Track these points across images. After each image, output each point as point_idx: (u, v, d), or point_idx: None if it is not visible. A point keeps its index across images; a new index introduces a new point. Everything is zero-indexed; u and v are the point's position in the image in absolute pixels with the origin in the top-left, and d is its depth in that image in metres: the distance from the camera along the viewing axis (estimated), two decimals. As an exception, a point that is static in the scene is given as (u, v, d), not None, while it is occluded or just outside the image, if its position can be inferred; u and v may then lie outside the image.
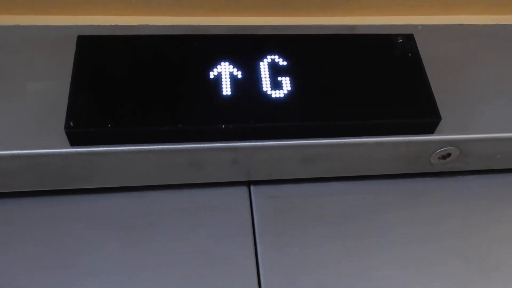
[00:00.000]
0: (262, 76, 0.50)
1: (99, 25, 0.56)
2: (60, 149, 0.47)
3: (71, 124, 0.45)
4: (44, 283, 0.47)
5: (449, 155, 0.54)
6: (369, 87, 0.51)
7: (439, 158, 0.55)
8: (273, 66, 0.51)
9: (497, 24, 0.62)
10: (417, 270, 0.52)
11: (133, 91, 0.48)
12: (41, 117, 0.48)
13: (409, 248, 0.53)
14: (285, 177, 0.55)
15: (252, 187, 0.55)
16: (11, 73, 0.51)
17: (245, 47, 0.52)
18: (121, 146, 0.47)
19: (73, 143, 0.46)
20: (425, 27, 0.59)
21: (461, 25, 0.61)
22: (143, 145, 0.47)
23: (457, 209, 0.56)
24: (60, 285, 0.47)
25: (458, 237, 0.54)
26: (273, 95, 0.49)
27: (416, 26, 0.59)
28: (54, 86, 0.50)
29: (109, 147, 0.47)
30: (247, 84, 0.49)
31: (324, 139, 0.50)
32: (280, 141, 0.50)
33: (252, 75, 0.50)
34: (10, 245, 0.49)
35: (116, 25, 0.57)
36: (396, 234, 0.54)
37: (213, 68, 0.50)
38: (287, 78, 0.50)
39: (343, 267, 0.51)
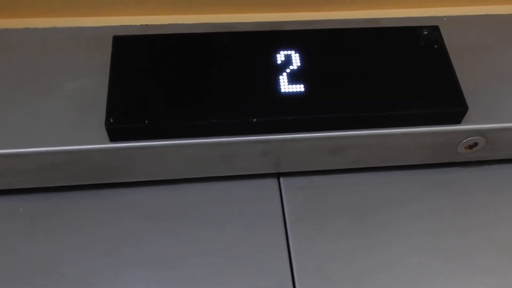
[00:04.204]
0: (290, 70, 0.52)
1: (131, 25, 0.58)
2: (100, 144, 0.49)
3: (111, 121, 0.47)
4: (87, 271, 0.50)
5: (476, 144, 0.55)
6: (395, 79, 0.52)
7: (465, 148, 0.55)
8: (300, 61, 0.52)
9: (522, 13, 0.62)
10: (446, 260, 0.53)
11: (168, 88, 0.50)
12: (80, 114, 0.51)
13: (437, 238, 0.54)
14: (313, 169, 0.56)
15: (281, 179, 0.57)
16: (51, 73, 0.54)
17: (272, 43, 0.53)
18: (158, 141, 0.49)
19: (112, 139, 0.49)
20: (450, 18, 0.60)
21: (487, 15, 0.61)
22: (179, 140, 0.49)
23: (485, 199, 0.57)
24: (101, 272, 0.50)
25: (486, 227, 0.55)
26: (301, 89, 0.50)
27: (441, 17, 0.60)
28: (91, 84, 0.52)
29: (147, 142, 0.49)
30: (276, 79, 0.51)
31: (351, 131, 0.51)
32: (309, 133, 0.51)
33: (281, 70, 0.51)
34: (54, 236, 0.52)
35: (147, 24, 0.59)
36: (424, 224, 0.55)
37: (243, 64, 0.52)
38: (315, 72, 0.52)
39: (372, 255, 0.53)
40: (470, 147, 0.55)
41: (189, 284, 0.50)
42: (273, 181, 0.57)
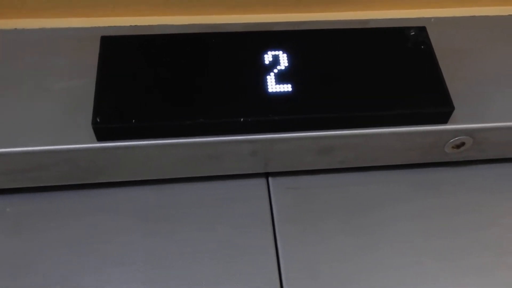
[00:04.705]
0: (278, 70, 0.52)
1: (120, 26, 0.58)
2: (87, 144, 0.49)
3: (98, 120, 0.47)
4: (75, 270, 0.50)
5: (463, 144, 0.55)
6: (383, 79, 0.52)
7: (453, 147, 0.56)
8: (289, 60, 0.52)
9: (509, 15, 0.63)
10: (435, 260, 0.53)
11: (155, 88, 0.50)
12: (68, 114, 0.51)
13: (426, 238, 0.54)
14: (302, 168, 0.56)
15: (270, 179, 0.57)
16: (39, 73, 0.53)
17: (260, 43, 0.53)
18: (145, 141, 0.49)
19: (99, 139, 0.49)
20: (438, 19, 0.60)
21: (474, 16, 0.62)
22: (166, 139, 0.49)
23: (473, 199, 0.57)
24: (88, 272, 0.50)
25: (474, 227, 0.55)
26: (289, 89, 0.51)
27: (428, 18, 0.60)
28: (80, 84, 0.52)
29: (134, 141, 0.49)
30: (264, 79, 0.51)
31: (340, 131, 0.52)
32: (297, 133, 0.51)
33: (270, 70, 0.52)
34: (41, 234, 0.52)
35: (136, 25, 0.59)
36: (413, 224, 0.55)
37: (231, 64, 0.52)
38: (303, 72, 0.52)
39: (361, 256, 0.53)
40: (458, 146, 0.56)
41: (176, 285, 0.50)
42: (262, 181, 0.57)
